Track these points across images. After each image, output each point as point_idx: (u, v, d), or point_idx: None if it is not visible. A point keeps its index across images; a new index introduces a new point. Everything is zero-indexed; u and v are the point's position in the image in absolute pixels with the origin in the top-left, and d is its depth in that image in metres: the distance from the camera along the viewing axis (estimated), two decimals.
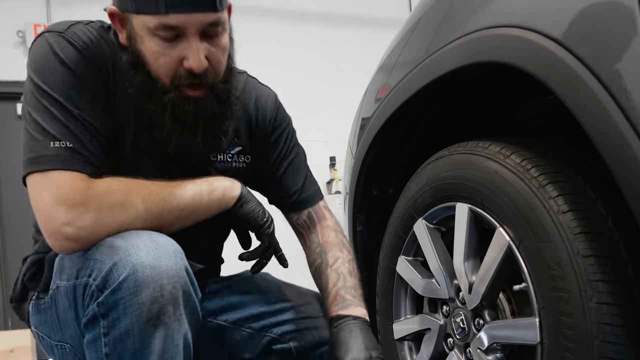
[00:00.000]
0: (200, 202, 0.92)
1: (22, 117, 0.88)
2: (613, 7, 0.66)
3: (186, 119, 0.90)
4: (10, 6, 4.18)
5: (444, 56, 0.95)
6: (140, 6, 0.83)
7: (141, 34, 0.86)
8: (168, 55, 0.86)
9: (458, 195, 0.97)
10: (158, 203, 0.87)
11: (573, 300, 0.74)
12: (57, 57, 0.85)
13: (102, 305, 0.79)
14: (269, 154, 1.10)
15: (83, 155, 0.84)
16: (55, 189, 0.81)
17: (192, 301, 0.84)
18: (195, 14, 0.83)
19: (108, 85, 0.90)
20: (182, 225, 0.91)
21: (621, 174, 0.64)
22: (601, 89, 0.64)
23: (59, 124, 0.83)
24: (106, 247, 0.81)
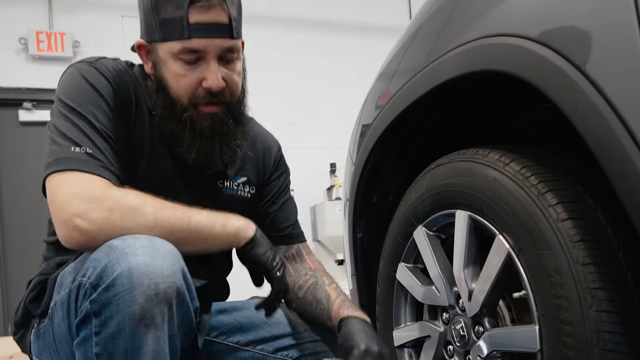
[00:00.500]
0: (212, 231, 0.93)
1: (47, 131, 0.95)
2: (611, 16, 0.67)
3: (203, 133, 0.99)
4: (13, 13, 4.20)
5: (443, 64, 0.95)
6: (167, 34, 0.94)
7: (165, 60, 0.97)
8: (189, 77, 0.96)
9: (458, 203, 0.97)
10: (169, 218, 0.88)
11: (573, 308, 0.74)
12: (85, 80, 0.95)
13: (95, 302, 0.78)
14: (269, 189, 1.19)
15: (102, 162, 0.89)
16: (73, 185, 0.86)
17: (186, 305, 0.83)
18: (215, 39, 0.94)
19: (130, 111, 0.99)
20: (189, 249, 0.90)
21: (620, 183, 0.64)
22: (600, 99, 0.64)
23: (81, 133, 0.90)
24: (104, 248, 0.81)
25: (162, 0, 0.94)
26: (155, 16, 0.95)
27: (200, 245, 0.93)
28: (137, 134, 1.00)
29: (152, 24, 0.96)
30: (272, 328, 1.12)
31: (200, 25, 0.92)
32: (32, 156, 4.22)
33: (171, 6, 0.93)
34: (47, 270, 1.00)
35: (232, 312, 1.14)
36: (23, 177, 4.19)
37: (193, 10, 0.92)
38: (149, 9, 0.96)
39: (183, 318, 0.83)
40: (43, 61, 4.26)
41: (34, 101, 4.24)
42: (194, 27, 0.92)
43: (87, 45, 4.38)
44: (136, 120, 1.00)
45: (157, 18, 0.95)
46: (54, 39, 4.23)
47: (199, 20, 0.92)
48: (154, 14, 0.95)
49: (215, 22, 0.93)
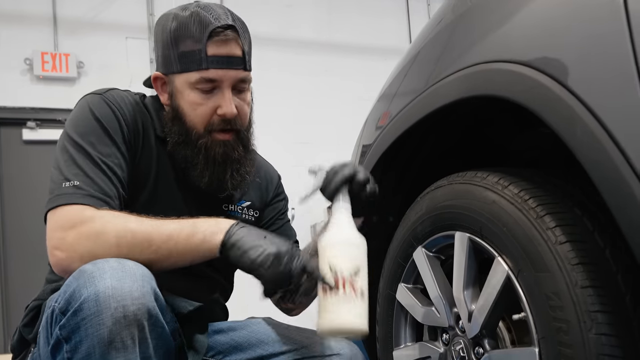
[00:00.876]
0: (175, 245, 0.90)
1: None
2: (606, 43, 0.68)
3: (216, 159, 1.04)
4: (19, 34, 4.24)
5: (442, 89, 0.97)
6: (186, 66, 1.01)
7: (182, 90, 1.03)
8: (205, 105, 1.03)
9: (457, 225, 0.98)
10: (134, 234, 0.89)
11: (572, 330, 0.74)
12: (91, 112, 1.00)
13: (64, 328, 0.78)
14: (268, 212, 1.25)
15: (86, 191, 0.93)
16: (56, 219, 0.93)
17: (160, 326, 0.82)
18: (230, 70, 1.02)
19: (137, 139, 1.04)
20: (159, 266, 0.90)
21: (618, 208, 0.65)
22: (597, 125, 0.65)
23: (75, 167, 0.95)
24: (76, 273, 0.82)
25: (182, 36, 1.01)
26: (174, 50, 1.02)
27: (172, 261, 0.91)
28: (143, 161, 1.05)
29: (171, 57, 1.03)
30: (269, 346, 1.12)
31: (217, 57, 1.00)
32: (35, 174, 4.24)
33: (190, 41, 1.00)
34: (42, 295, 1.02)
35: (228, 332, 1.14)
36: (26, 194, 4.20)
37: (211, 44, 1.00)
38: (168, 44, 1.03)
39: (158, 340, 0.82)
40: (47, 81, 4.30)
41: (38, 120, 4.27)
42: (211, 59, 1.00)
43: (91, 66, 4.43)
44: (143, 147, 1.05)
45: (176, 51, 1.02)
46: (58, 60, 4.28)
47: (216, 53, 1.00)
48: (173, 47, 1.02)
49: (230, 55, 1.01)
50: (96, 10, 4.48)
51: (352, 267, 0.90)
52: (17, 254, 4.14)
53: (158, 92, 1.10)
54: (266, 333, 1.13)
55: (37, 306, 1.01)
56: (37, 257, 4.05)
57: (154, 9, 4.67)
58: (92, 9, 4.47)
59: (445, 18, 1.08)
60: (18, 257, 4.14)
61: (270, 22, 4.96)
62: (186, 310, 0.95)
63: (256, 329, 1.15)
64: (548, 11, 0.78)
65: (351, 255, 0.91)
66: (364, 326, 0.88)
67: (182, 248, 0.90)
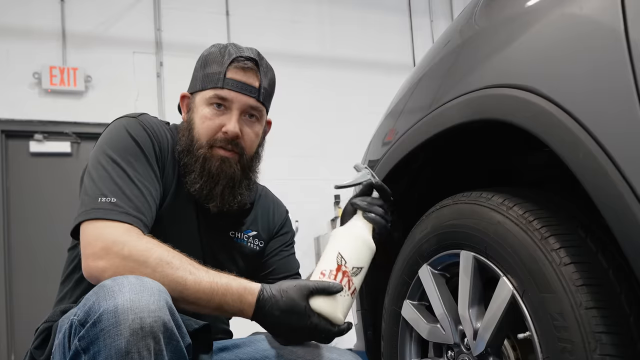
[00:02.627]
0: (203, 308, 0.94)
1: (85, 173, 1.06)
2: (609, 71, 0.70)
3: (211, 170, 1.10)
4: (28, 49, 4.30)
5: (449, 111, 0.98)
6: (206, 84, 1.12)
7: (198, 105, 1.13)
8: (212, 121, 1.11)
9: (462, 244, 0.99)
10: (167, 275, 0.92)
11: (577, 351, 0.75)
12: (127, 132, 1.07)
13: (84, 339, 0.80)
14: (274, 243, 1.30)
15: (123, 209, 0.98)
16: (97, 230, 0.96)
17: (176, 340, 0.84)
18: (242, 95, 1.11)
19: (164, 161, 1.12)
20: (182, 308, 0.93)
21: (620, 231, 0.67)
22: (599, 150, 0.67)
23: (112, 183, 1.00)
24: (96, 288, 0.85)
25: (210, 60, 1.13)
26: (202, 71, 1.14)
27: (190, 310, 0.95)
28: (167, 181, 1.11)
29: (198, 77, 1.15)
30: None
31: (233, 80, 1.10)
32: (42, 186, 4.27)
33: (216, 65, 1.12)
34: (52, 317, 1.04)
35: (233, 349, 1.15)
36: (33, 206, 4.22)
37: (231, 69, 1.11)
38: (199, 66, 1.16)
39: (174, 353, 0.84)
40: (55, 95, 4.35)
41: (45, 133, 4.31)
42: (228, 80, 1.10)
43: (99, 80, 4.48)
44: (167, 168, 1.12)
45: (202, 72, 1.14)
46: (66, 74, 4.33)
47: (233, 77, 1.10)
48: (201, 69, 1.14)
49: (246, 83, 1.11)
50: (104, 26, 4.55)
51: (356, 264, 0.95)
52: (23, 265, 4.15)
53: (182, 109, 1.20)
54: (270, 349, 1.14)
55: (47, 328, 1.02)
56: (42, 268, 4.08)
57: (161, 24, 4.73)
58: (100, 24, 4.54)
59: (452, 40, 1.10)
60: (24, 268, 4.15)
61: (275, 37, 5.01)
62: (191, 329, 0.96)
63: (260, 345, 1.16)
64: (553, 39, 0.80)
65: (359, 254, 0.96)
66: (342, 320, 0.95)
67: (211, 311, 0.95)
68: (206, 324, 0.98)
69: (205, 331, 0.98)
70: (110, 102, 4.42)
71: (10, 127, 4.23)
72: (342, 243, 0.96)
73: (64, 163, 4.34)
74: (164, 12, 4.76)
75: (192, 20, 4.83)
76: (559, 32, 0.79)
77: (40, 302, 3.77)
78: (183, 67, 3.99)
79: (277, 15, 5.15)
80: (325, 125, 5.07)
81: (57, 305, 1.10)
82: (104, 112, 4.29)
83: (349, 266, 0.93)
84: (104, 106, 4.38)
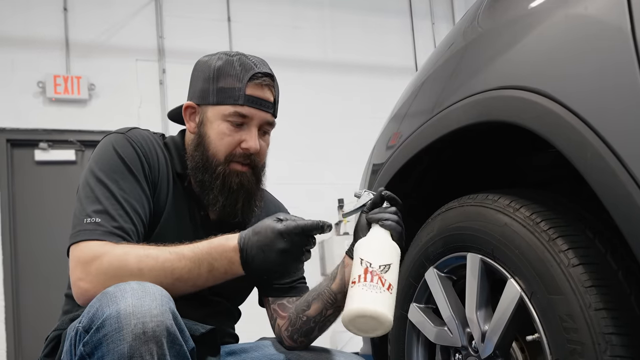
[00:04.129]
0: (198, 277, 0.97)
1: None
2: (615, 70, 0.70)
3: (232, 187, 1.12)
4: (31, 58, 4.33)
5: (453, 113, 0.98)
6: (223, 99, 1.11)
7: (213, 120, 1.12)
8: (231, 137, 1.11)
9: (469, 246, 0.99)
10: (152, 267, 0.94)
11: (587, 353, 0.74)
12: (114, 150, 1.07)
13: (88, 344, 0.81)
14: None
15: (107, 228, 0.99)
16: (77, 253, 0.99)
17: (179, 344, 0.84)
18: (261, 112, 1.12)
19: (156, 175, 1.11)
20: (180, 291, 0.95)
21: (629, 230, 0.66)
22: (606, 150, 0.67)
23: (97, 203, 1.01)
24: (99, 295, 0.86)
25: (224, 74, 1.11)
26: (214, 84, 1.12)
27: (192, 288, 0.98)
28: (161, 196, 1.11)
29: (209, 89, 1.12)
30: None
31: (253, 97, 1.11)
32: (47, 194, 4.28)
33: (231, 79, 1.11)
34: (61, 325, 1.04)
35: (240, 353, 1.15)
36: (38, 214, 4.24)
37: (251, 85, 1.10)
38: (209, 78, 1.13)
39: (177, 357, 0.84)
40: (60, 103, 4.38)
41: (50, 141, 4.33)
42: (248, 97, 1.10)
43: (102, 88, 4.50)
44: (160, 183, 1.12)
45: (215, 85, 1.12)
46: (70, 82, 4.35)
47: (253, 94, 1.11)
48: (213, 82, 1.12)
49: (264, 99, 1.12)
50: (107, 34, 4.57)
51: (382, 262, 0.93)
52: (29, 273, 4.16)
53: (185, 120, 1.17)
54: (278, 353, 1.14)
55: (57, 336, 1.03)
56: (49, 276, 4.08)
57: (164, 32, 4.75)
58: (103, 33, 4.56)
59: (456, 43, 1.10)
60: (29, 276, 4.15)
61: (277, 42, 5.03)
62: (198, 333, 0.96)
63: (267, 350, 1.16)
64: (558, 40, 0.80)
65: (384, 254, 0.95)
66: (389, 316, 0.89)
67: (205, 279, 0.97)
68: (213, 328, 0.98)
69: (212, 335, 0.98)
70: (113, 109, 4.44)
71: (15, 136, 4.25)
72: (363, 250, 0.96)
73: (69, 171, 4.36)
74: (166, 20, 4.78)
75: (194, 27, 4.84)
76: (564, 33, 0.79)
77: (46, 309, 3.78)
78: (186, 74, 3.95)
79: (278, 21, 5.16)
80: (328, 130, 5.08)
81: (64, 315, 1.10)
82: (107, 120, 4.31)
83: (375, 266, 0.92)
84: (107, 114, 4.40)
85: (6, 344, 3.97)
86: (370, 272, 0.91)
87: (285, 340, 1.15)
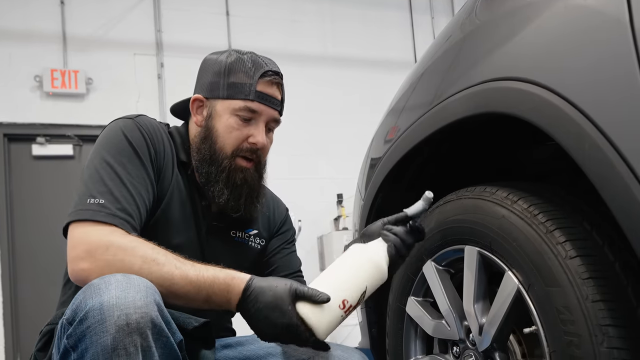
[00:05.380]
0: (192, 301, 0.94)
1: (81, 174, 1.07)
2: (613, 61, 0.70)
3: (237, 182, 1.13)
4: (28, 52, 4.31)
5: (452, 105, 0.98)
6: (233, 94, 1.13)
7: (221, 114, 1.14)
8: (239, 131, 1.13)
9: (467, 239, 0.99)
10: (153, 272, 0.91)
11: (584, 344, 0.75)
12: (123, 134, 1.07)
13: (71, 337, 0.80)
14: (275, 241, 1.31)
15: (110, 210, 0.98)
16: (81, 232, 0.97)
17: (165, 336, 0.83)
18: (270, 108, 1.14)
19: (161, 162, 1.11)
20: (172, 304, 0.92)
21: (627, 222, 0.66)
22: (604, 141, 0.67)
23: (102, 184, 1.00)
24: (84, 287, 0.85)
25: (236, 69, 1.14)
26: (225, 78, 1.14)
27: (181, 305, 0.95)
28: (165, 181, 1.11)
29: (219, 84, 1.14)
30: (277, 358, 1.13)
31: (263, 94, 1.13)
32: (44, 189, 4.27)
33: (243, 74, 1.13)
34: (54, 319, 1.03)
35: (236, 346, 1.16)
36: (35, 209, 4.23)
37: (261, 82, 1.13)
38: (220, 72, 1.15)
39: (164, 349, 0.84)
40: (57, 97, 4.36)
41: (47, 136, 4.32)
42: (258, 93, 1.13)
43: (100, 82, 4.48)
44: (165, 169, 1.12)
45: (226, 80, 1.13)
46: (67, 77, 4.34)
47: (263, 91, 1.13)
48: (223, 76, 1.14)
49: (273, 96, 1.15)
50: (105, 28, 4.55)
51: (369, 293, 0.98)
52: (27, 267, 4.16)
53: (192, 112, 1.18)
54: (274, 347, 1.15)
55: (50, 330, 1.03)
56: (46, 270, 4.08)
57: (162, 26, 4.73)
58: (100, 27, 4.54)
59: (454, 35, 1.10)
60: (27, 271, 4.16)
61: (275, 37, 5.01)
62: (191, 326, 0.96)
63: (264, 343, 1.16)
64: (557, 31, 0.80)
65: (377, 287, 0.99)
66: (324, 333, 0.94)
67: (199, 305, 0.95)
68: (207, 321, 0.98)
69: (206, 328, 0.97)
70: (111, 104, 4.43)
71: (12, 131, 4.24)
72: (370, 280, 0.97)
73: (66, 166, 4.35)
74: (164, 13, 4.76)
75: (192, 20, 4.83)
76: (563, 24, 0.79)
77: (44, 304, 3.78)
78: (184, 68, 4.00)
79: (277, 15, 5.14)
80: (328, 124, 5.07)
81: (59, 308, 1.10)
82: (105, 114, 4.29)
83: (352, 302, 0.95)
84: (105, 108, 4.39)
85: (4, 339, 3.98)
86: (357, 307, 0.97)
87: None
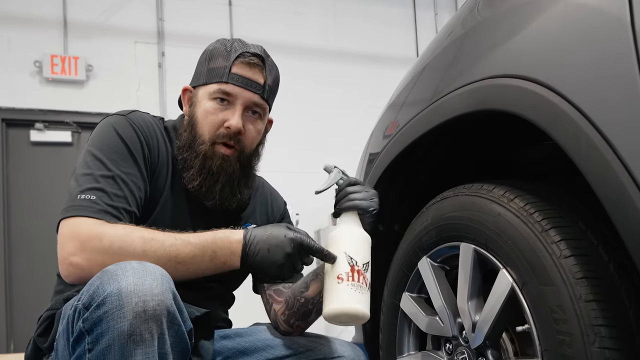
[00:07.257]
0: (200, 264, 0.98)
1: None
2: (612, 60, 0.69)
3: (212, 168, 1.10)
4: (29, 37, 4.29)
5: (451, 101, 0.98)
6: (210, 78, 1.11)
7: (201, 99, 1.12)
8: (215, 115, 1.10)
9: (462, 236, 0.99)
10: (156, 250, 0.94)
11: (575, 344, 0.75)
12: (115, 131, 1.06)
13: (87, 321, 0.81)
14: None
15: (101, 206, 0.98)
16: (70, 228, 0.97)
17: (177, 324, 0.85)
18: (246, 90, 1.10)
19: (155, 159, 1.11)
20: (180, 277, 0.95)
21: (621, 222, 0.66)
22: (601, 141, 0.67)
23: (93, 181, 1.01)
24: (99, 273, 0.85)
25: (215, 55, 1.12)
26: (206, 65, 1.13)
27: (191, 275, 0.98)
28: (159, 181, 1.11)
29: (202, 71, 1.14)
30: (275, 350, 1.13)
31: (238, 76, 1.10)
32: (42, 175, 4.27)
33: (221, 59, 1.11)
34: (55, 305, 1.04)
35: (235, 337, 1.16)
36: (33, 195, 4.23)
37: (237, 64, 1.10)
38: (203, 60, 1.14)
39: (175, 337, 0.85)
40: (56, 84, 4.35)
41: (46, 122, 4.31)
42: (232, 75, 1.09)
43: (100, 70, 4.47)
44: (160, 168, 1.11)
45: (206, 66, 1.13)
46: (67, 63, 4.32)
47: (238, 72, 1.10)
48: (205, 63, 1.13)
49: (250, 78, 1.11)
50: (106, 15, 4.53)
51: (364, 260, 0.99)
52: (23, 253, 4.17)
53: (183, 103, 1.18)
54: (272, 337, 1.15)
55: (50, 316, 1.03)
56: (42, 257, 4.09)
57: (164, 14, 4.71)
58: (102, 13, 4.52)
59: (455, 31, 1.10)
60: (24, 257, 4.16)
61: (278, 29, 5.00)
62: (193, 316, 0.96)
63: (262, 335, 1.16)
64: (558, 30, 0.80)
65: (364, 250, 1.00)
66: (368, 314, 0.98)
67: (205, 267, 0.99)
68: (207, 311, 0.99)
69: (206, 319, 0.98)
70: (111, 92, 4.42)
71: (10, 116, 4.23)
72: (344, 244, 1.00)
73: (65, 152, 4.35)
74: (166, 2, 4.74)
75: (195, 10, 4.81)
76: (564, 23, 0.78)
77: (40, 290, 3.79)
78: (185, 57, 3.98)
79: (280, 7, 5.12)
80: (327, 118, 5.07)
81: (56, 294, 1.10)
82: (105, 102, 4.29)
83: (360, 264, 0.97)
84: (105, 96, 4.38)
85: None
86: (357, 270, 0.97)
87: (281, 325, 1.16)
